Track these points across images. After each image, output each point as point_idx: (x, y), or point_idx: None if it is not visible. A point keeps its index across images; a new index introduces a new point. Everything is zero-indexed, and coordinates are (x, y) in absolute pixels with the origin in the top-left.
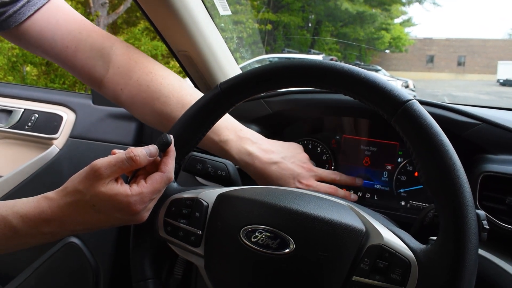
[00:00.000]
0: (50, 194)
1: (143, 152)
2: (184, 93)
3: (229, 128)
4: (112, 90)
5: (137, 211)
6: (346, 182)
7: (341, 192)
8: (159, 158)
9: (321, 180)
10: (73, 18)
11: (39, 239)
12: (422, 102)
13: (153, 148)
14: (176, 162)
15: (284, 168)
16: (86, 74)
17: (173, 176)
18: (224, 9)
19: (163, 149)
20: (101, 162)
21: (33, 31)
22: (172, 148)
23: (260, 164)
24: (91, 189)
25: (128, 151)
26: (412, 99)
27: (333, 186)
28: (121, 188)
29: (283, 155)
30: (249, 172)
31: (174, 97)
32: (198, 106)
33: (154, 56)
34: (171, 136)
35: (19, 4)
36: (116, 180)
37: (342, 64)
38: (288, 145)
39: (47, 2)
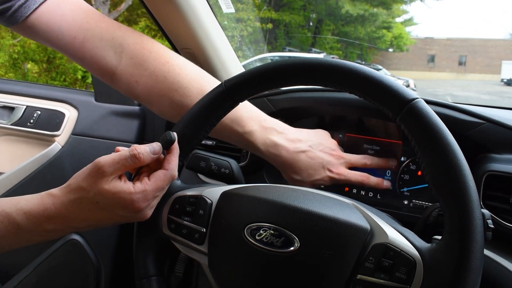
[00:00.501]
0: (54, 191)
1: (147, 150)
2: (203, 83)
3: (253, 119)
4: (126, 82)
5: (141, 209)
6: (378, 164)
7: (373, 179)
8: (162, 156)
9: (352, 166)
10: (80, 8)
11: (42, 236)
12: (427, 101)
13: (156, 145)
14: (179, 160)
15: (312, 157)
16: (96, 66)
17: (176, 173)
18: (227, 7)
19: (167, 147)
20: (104, 159)
21: (41, 23)
22: (175, 146)
23: (287, 154)
24: (94, 187)
25: (132, 149)
26: (417, 98)
27: (365, 174)
28: (125, 186)
29: (310, 143)
30: (276, 163)
31: (194, 88)
32: (202, 104)
33: None
34: (175, 134)
35: None
36: (120, 177)
37: (347, 62)
38: (315, 132)
39: None
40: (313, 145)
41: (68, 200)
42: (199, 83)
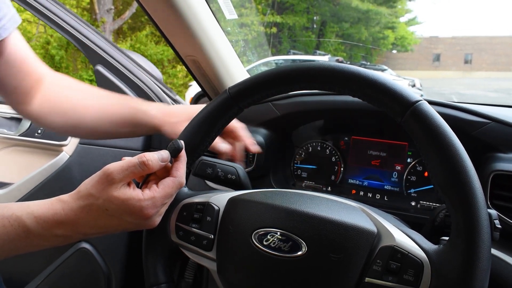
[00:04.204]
0: (64, 197)
1: (155, 157)
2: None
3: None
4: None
5: (149, 216)
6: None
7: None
8: (170, 164)
9: None
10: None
11: (51, 242)
12: (431, 102)
13: (164, 153)
14: (186, 167)
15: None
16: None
17: (184, 181)
18: (230, 13)
19: (175, 155)
20: (113, 166)
21: None
22: (183, 153)
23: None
24: (103, 193)
25: (141, 156)
26: (421, 100)
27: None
28: (134, 193)
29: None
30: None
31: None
32: (208, 111)
33: (160, 61)
34: (182, 142)
35: None
36: (128, 184)
37: (350, 66)
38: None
39: None
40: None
41: (78, 206)
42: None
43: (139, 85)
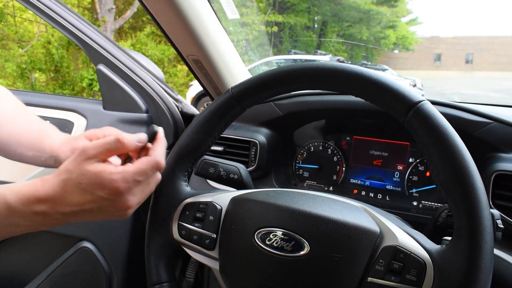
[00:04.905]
0: (47, 176)
1: (132, 137)
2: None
3: None
4: None
5: (120, 190)
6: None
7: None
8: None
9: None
10: None
11: (31, 221)
12: (433, 102)
13: (142, 135)
14: (188, 166)
15: None
16: None
17: (162, 161)
18: (232, 13)
19: (151, 138)
20: (90, 143)
21: None
22: (161, 137)
23: None
24: (77, 168)
25: (117, 134)
26: (423, 100)
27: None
28: (106, 167)
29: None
30: None
31: None
32: (210, 110)
33: (161, 60)
34: (160, 128)
35: None
36: (104, 162)
37: (352, 66)
38: None
39: None
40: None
41: (56, 181)
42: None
43: (140, 84)
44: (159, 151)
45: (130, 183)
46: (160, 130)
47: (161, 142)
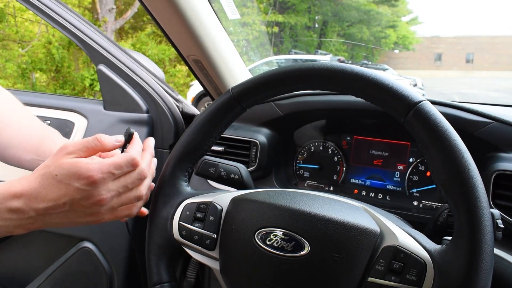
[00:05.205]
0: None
1: (110, 137)
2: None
3: None
4: None
5: (95, 179)
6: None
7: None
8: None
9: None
10: None
11: (4, 221)
12: (433, 102)
13: (119, 136)
14: (189, 166)
15: None
16: None
17: (138, 159)
18: (232, 13)
19: (128, 139)
20: (70, 141)
21: None
22: (135, 137)
23: None
24: (56, 161)
25: (97, 134)
26: (423, 100)
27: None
28: (83, 159)
29: None
30: None
31: None
32: (211, 111)
33: (162, 60)
34: (136, 132)
35: None
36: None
37: (352, 66)
38: None
39: None
40: None
41: (33, 177)
42: None
43: (141, 84)
44: (135, 150)
45: (105, 174)
46: (135, 133)
47: (137, 143)
